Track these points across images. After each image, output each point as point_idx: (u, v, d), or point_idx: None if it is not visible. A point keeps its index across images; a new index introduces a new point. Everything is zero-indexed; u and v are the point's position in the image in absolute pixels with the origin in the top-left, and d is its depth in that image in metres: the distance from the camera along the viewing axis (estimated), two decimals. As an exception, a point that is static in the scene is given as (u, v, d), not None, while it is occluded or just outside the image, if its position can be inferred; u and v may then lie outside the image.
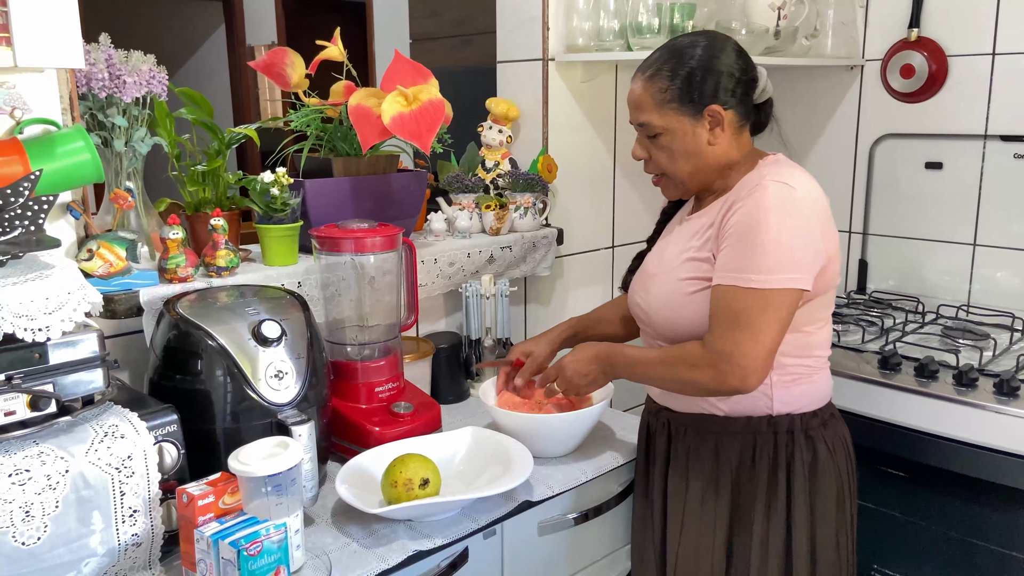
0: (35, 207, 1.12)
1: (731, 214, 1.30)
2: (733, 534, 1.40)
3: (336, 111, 1.70)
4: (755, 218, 1.26)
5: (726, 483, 1.40)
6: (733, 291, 1.27)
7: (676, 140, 1.36)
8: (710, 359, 1.28)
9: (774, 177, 1.29)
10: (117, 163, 1.43)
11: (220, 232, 1.47)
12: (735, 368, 1.25)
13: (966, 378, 1.73)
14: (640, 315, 1.48)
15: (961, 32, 2.20)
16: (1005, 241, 2.20)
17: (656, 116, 1.35)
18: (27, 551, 1.04)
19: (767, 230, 1.25)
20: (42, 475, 1.05)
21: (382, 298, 1.57)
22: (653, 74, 1.36)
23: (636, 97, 1.38)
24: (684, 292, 1.36)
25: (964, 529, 1.76)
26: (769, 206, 1.25)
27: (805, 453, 1.38)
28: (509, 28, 2.09)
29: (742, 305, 1.26)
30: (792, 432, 1.37)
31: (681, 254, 1.39)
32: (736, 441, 1.39)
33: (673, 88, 1.33)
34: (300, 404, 1.32)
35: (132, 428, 1.14)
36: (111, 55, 1.39)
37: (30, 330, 1.03)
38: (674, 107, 1.34)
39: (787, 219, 1.25)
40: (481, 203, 1.96)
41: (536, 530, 1.46)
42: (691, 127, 1.35)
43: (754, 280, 1.25)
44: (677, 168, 1.38)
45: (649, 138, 1.39)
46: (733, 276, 1.27)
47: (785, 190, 1.27)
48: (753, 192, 1.28)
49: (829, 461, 1.39)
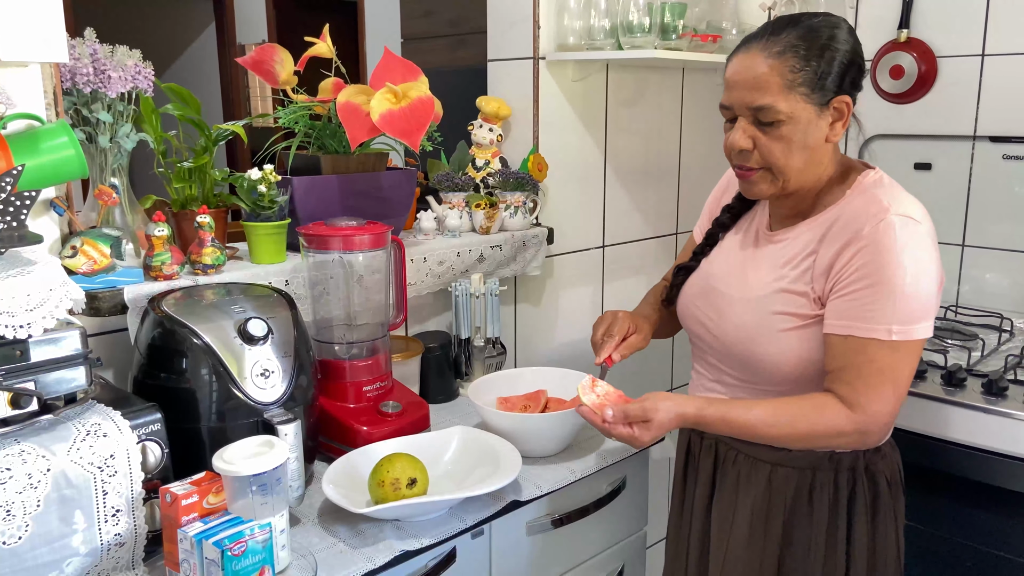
0: (17, 203, 1.11)
1: (850, 252, 1.18)
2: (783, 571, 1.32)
3: (325, 108, 1.69)
4: (885, 262, 1.15)
5: (777, 518, 1.30)
6: (871, 344, 1.17)
7: (798, 130, 1.19)
8: (859, 423, 1.18)
9: (897, 210, 1.17)
10: (102, 159, 1.42)
11: (207, 229, 1.45)
12: (881, 428, 1.20)
13: (954, 378, 1.73)
14: (705, 336, 1.37)
15: (951, 33, 2.21)
16: (994, 242, 2.21)
17: (782, 100, 1.18)
18: (8, 550, 1.02)
19: (901, 276, 1.15)
20: (23, 474, 1.03)
21: (370, 297, 1.55)
22: (783, 51, 1.18)
23: (757, 75, 1.19)
24: (776, 328, 1.25)
25: (952, 529, 1.76)
26: (899, 247, 1.15)
27: (867, 491, 1.29)
28: (500, 27, 2.08)
29: (885, 360, 1.17)
30: (855, 469, 1.28)
31: (773, 283, 1.27)
32: (793, 475, 1.29)
33: (808, 71, 1.18)
34: (286, 403, 1.31)
35: (115, 427, 1.13)
36: (96, 50, 1.38)
37: (11, 327, 1.01)
38: (804, 92, 1.18)
39: (919, 262, 1.16)
40: (471, 202, 1.95)
41: (524, 530, 1.45)
42: (815, 118, 1.20)
43: (895, 332, 1.16)
44: (789, 163, 1.22)
45: (762, 125, 1.21)
46: (868, 328, 1.17)
47: (912, 226, 1.17)
48: (879, 229, 1.16)
49: (888, 497, 1.31)
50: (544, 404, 1.60)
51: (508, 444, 1.44)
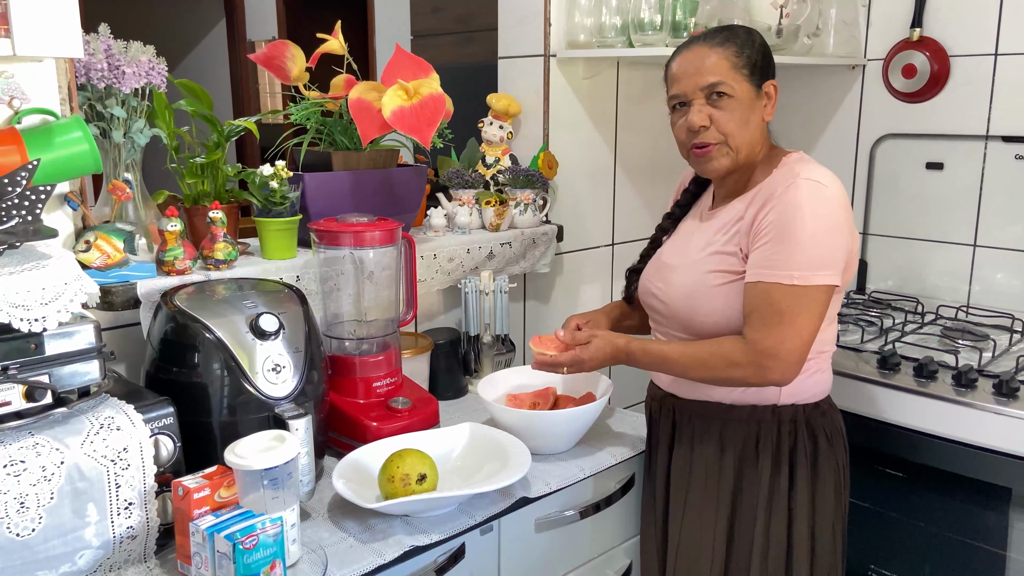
0: (32, 197, 1.12)
1: (766, 211, 1.33)
2: (735, 520, 1.44)
3: (336, 104, 1.69)
4: (791, 216, 1.30)
5: (729, 470, 1.43)
6: (774, 288, 1.30)
7: (744, 106, 1.37)
8: (753, 356, 1.31)
9: (807, 175, 1.32)
10: (115, 154, 1.42)
11: (219, 225, 1.46)
12: (778, 363, 1.29)
13: (965, 379, 1.72)
14: (656, 306, 1.50)
15: (963, 32, 2.19)
16: (1005, 242, 2.20)
17: (730, 78, 1.36)
18: (22, 542, 1.03)
19: (803, 227, 1.29)
20: (37, 466, 1.04)
21: (381, 293, 1.56)
22: (723, 41, 1.38)
23: (706, 61, 1.37)
24: (710, 284, 1.39)
25: (962, 530, 1.76)
26: (804, 204, 1.29)
27: (807, 443, 1.42)
28: (511, 24, 2.08)
29: (784, 302, 1.29)
30: (795, 422, 1.41)
31: (706, 247, 1.42)
32: (740, 429, 1.42)
33: (744, 56, 1.37)
34: (297, 398, 1.32)
35: (128, 420, 1.13)
36: (110, 45, 1.38)
37: (26, 320, 1.02)
38: (745, 74, 1.37)
39: (822, 217, 1.30)
40: (481, 199, 1.95)
41: (533, 527, 1.45)
42: (754, 98, 1.38)
43: (795, 277, 1.29)
44: (739, 135, 1.38)
45: (714, 103, 1.37)
46: (772, 273, 1.30)
47: (818, 188, 1.31)
48: (788, 190, 1.31)
49: (828, 450, 1.43)
50: (553, 401, 1.60)
51: (517, 441, 1.44)
